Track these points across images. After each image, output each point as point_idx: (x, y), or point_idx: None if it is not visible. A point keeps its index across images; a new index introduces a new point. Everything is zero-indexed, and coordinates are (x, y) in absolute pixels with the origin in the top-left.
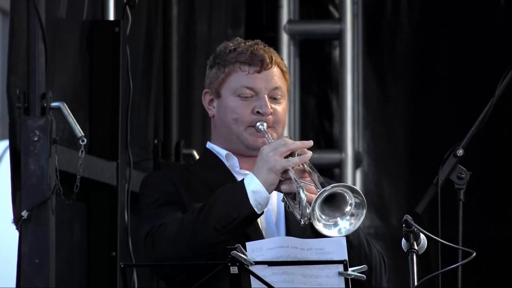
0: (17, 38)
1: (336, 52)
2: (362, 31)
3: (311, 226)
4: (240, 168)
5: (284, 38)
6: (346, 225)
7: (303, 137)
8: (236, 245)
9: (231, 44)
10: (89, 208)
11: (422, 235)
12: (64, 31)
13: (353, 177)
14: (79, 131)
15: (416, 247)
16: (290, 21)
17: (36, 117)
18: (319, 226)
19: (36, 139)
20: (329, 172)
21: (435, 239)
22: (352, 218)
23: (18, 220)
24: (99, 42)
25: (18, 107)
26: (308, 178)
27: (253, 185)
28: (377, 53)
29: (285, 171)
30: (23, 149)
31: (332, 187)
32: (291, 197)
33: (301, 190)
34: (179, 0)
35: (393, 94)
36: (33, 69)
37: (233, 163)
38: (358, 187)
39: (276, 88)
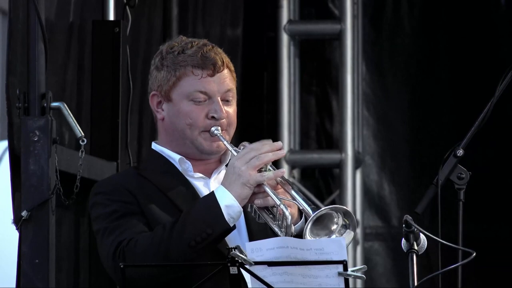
0: (16, 38)
1: (336, 52)
2: (362, 31)
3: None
4: (194, 172)
5: (284, 38)
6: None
7: (304, 137)
8: (236, 245)
9: (177, 44)
10: None
11: (422, 235)
12: (63, 31)
13: (353, 177)
14: (79, 131)
15: (416, 247)
16: (290, 21)
17: (36, 117)
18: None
19: (36, 139)
20: (329, 172)
21: (435, 239)
22: (338, 233)
23: (18, 220)
24: (99, 42)
25: (18, 107)
26: (281, 190)
27: (226, 200)
28: (377, 53)
29: (258, 185)
30: (23, 150)
31: (320, 211)
32: (263, 209)
33: (284, 208)
34: (179, 0)
35: (393, 94)
36: (33, 69)
37: (186, 167)
38: (358, 187)
39: (229, 90)
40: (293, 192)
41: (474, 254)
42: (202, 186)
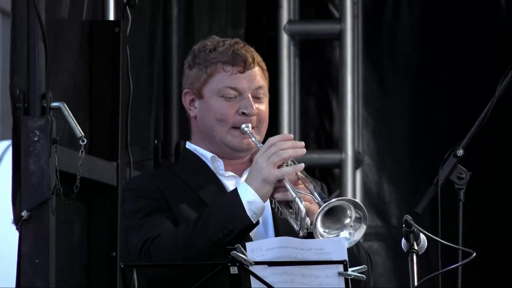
0: (19, 38)
1: (336, 52)
2: (362, 31)
3: None
4: (225, 171)
5: (284, 38)
6: (346, 234)
7: (303, 137)
8: (236, 245)
9: (209, 43)
10: (89, 208)
11: (422, 235)
12: (64, 31)
13: (353, 177)
14: (79, 131)
15: (416, 247)
16: (290, 21)
17: (36, 117)
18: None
19: (36, 139)
20: (329, 172)
21: (435, 239)
22: (352, 229)
23: (18, 220)
24: (99, 42)
25: (18, 107)
26: (302, 186)
27: (248, 196)
28: (377, 53)
29: (279, 180)
30: (23, 150)
31: (331, 202)
32: (284, 204)
33: (299, 201)
34: (179, 0)
35: (393, 94)
36: (33, 69)
37: (217, 165)
38: (358, 187)
39: (260, 87)
40: (311, 188)
41: (474, 254)
42: (233, 185)
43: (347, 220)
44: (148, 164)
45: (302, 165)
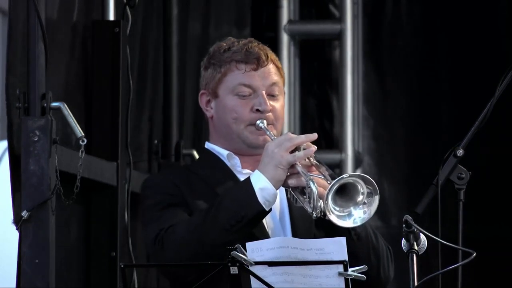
0: (15, 38)
1: (336, 52)
2: (362, 31)
3: (316, 224)
4: (242, 168)
5: (284, 38)
6: (360, 214)
7: None
8: (236, 245)
9: (225, 44)
10: (89, 209)
11: (422, 235)
12: (63, 31)
13: None
14: (79, 131)
15: (416, 248)
16: (290, 21)
17: (36, 117)
18: (333, 218)
19: (36, 139)
20: None
21: (435, 239)
22: (365, 206)
23: (18, 220)
24: (99, 42)
25: (18, 107)
26: (316, 172)
27: (261, 183)
28: (377, 53)
29: (292, 166)
30: (23, 150)
31: (343, 178)
32: (299, 191)
33: (311, 182)
34: (179, 0)
35: (393, 94)
36: (33, 69)
37: (234, 163)
38: None
39: (274, 84)
40: (326, 173)
41: (474, 254)
42: None
43: (360, 198)
44: (146, 164)
45: (314, 148)
